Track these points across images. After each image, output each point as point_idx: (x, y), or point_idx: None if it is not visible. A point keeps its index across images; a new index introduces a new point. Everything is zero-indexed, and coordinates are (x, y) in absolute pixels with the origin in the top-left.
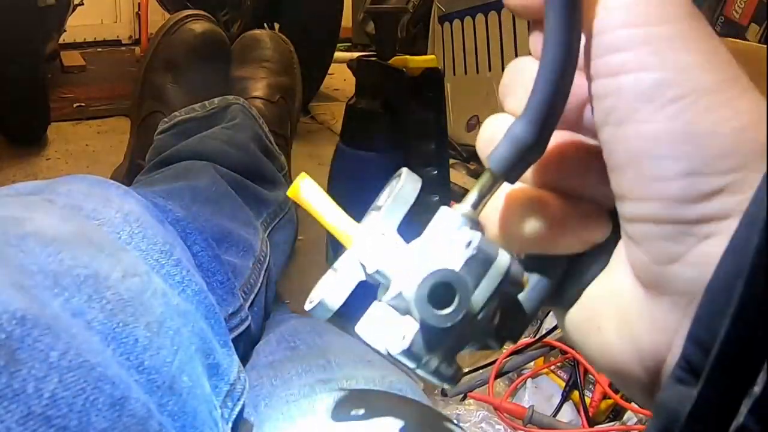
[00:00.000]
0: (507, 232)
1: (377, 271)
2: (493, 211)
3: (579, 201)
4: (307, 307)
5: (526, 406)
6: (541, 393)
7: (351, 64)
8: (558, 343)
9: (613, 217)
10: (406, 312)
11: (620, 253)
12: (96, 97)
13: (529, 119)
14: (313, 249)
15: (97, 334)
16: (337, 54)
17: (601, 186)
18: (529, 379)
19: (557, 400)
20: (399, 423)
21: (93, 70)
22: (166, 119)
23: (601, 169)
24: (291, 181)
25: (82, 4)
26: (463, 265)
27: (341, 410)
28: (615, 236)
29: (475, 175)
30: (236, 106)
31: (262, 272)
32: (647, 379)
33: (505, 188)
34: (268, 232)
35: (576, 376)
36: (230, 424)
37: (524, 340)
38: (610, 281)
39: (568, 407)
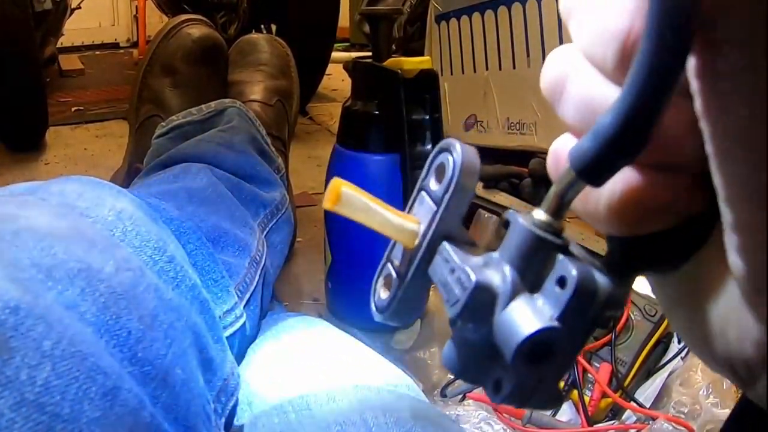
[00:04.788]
0: (591, 215)
1: (456, 303)
2: None
3: (670, 172)
4: (379, 317)
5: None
6: None
7: (347, 67)
8: None
9: (711, 183)
10: (493, 346)
11: (719, 240)
12: (94, 101)
13: (622, 112)
14: (311, 251)
15: (90, 325)
16: (335, 54)
17: (698, 155)
18: None
19: None
20: (393, 417)
21: (91, 73)
22: (163, 123)
23: (698, 135)
24: (289, 183)
25: (80, 7)
26: (560, 312)
27: (336, 407)
28: (715, 204)
29: None
30: (233, 109)
31: (258, 272)
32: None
33: None
34: (265, 232)
35: (575, 376)
36: (223, 419)
37: None
38: (705, 265)
39: (567, 406)
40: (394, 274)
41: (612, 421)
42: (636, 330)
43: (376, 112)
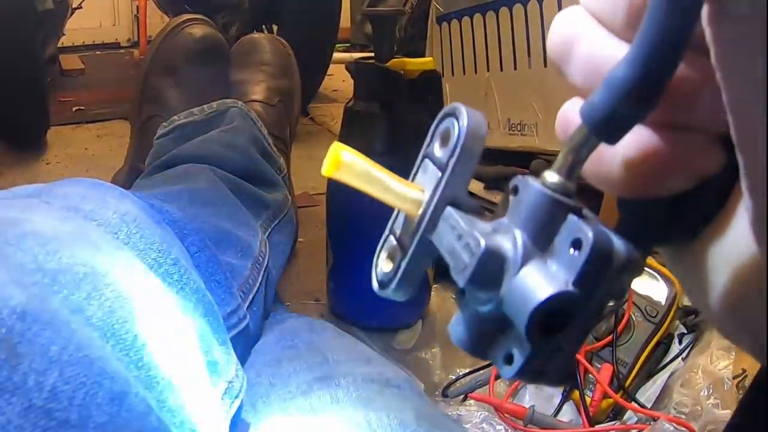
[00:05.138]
0: (605, 177)
1: (465, 269)
2: None
3: (685, 131)
4: (382, 291)
5: (527, 406)
6: (541, 393)
7: (349, 67)
8: None
9: (728, 144)
10: (504, 318)
11: (740, 198)
12: (95, 101)
13: (636, 62)
14: (312, 251)
15: (96, 330)
16: (336, 55)
17: (713, 113)
18: None
19: (558, 399)
20: (396, 418)
21: (92, 73)
22: (165, 123)
23: (714, 94)
24: (291, 183)
25: (81, 7)
26: (576, 276)
27: (340, 408)
28: (731, 167)
29: (475, 174)
30: (234, 109)
31: (261, 273)
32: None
33: None
34: (267, 233)
35: (576, 376)
36: (228, 422)
37: None
38: (725, 228)
39: (568, 407)
40: (397, 246)
41: (613, 422)
42: (637, 331)
43: (379, 113)
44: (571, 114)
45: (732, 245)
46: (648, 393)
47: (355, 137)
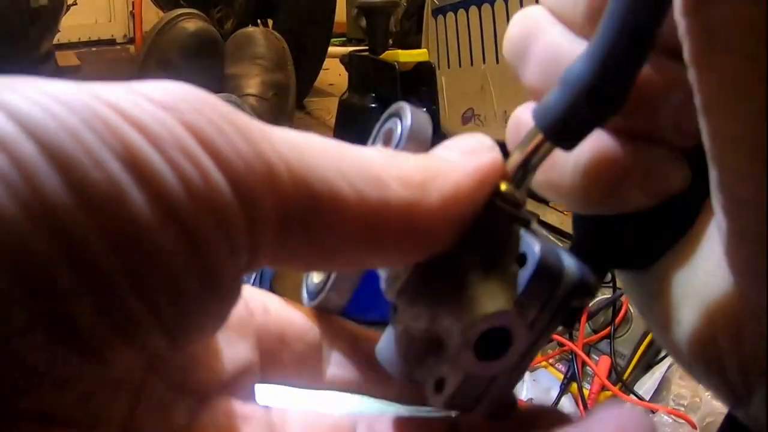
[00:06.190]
0: (555, 184)
1: (395, 281)
2: None
3: (646, 141)
4: (311, 303)
5: (525, 400)
6: (539, 386)
7: (344, 60)
8: (556, 336)
9: (694, 160)
10: (437, 338)
11: (708, 222)
12: None
13: (596, 56)
14: None
15: None
16: (332, 49)
17: (678, 124)
18: (528, 372)
19: (556, 392)
20: (393, 414)
21: (88, 69)
22: None
23: (680, 102)
24: None
25: (76, 3)
26: (520, 294)
27: (336, 403)
28: (698, 187)
29: None
30: (229, 103)
31: None
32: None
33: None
34: None
35: (574, 369)
36: None
37: None
38: (691, 254)
39: (566, 400)
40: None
41: None
42: (635, 323)
43: (373, 105)
44: (523, 118)
45: (700, 276)
46: (646, 385)
47: (349, 129)
